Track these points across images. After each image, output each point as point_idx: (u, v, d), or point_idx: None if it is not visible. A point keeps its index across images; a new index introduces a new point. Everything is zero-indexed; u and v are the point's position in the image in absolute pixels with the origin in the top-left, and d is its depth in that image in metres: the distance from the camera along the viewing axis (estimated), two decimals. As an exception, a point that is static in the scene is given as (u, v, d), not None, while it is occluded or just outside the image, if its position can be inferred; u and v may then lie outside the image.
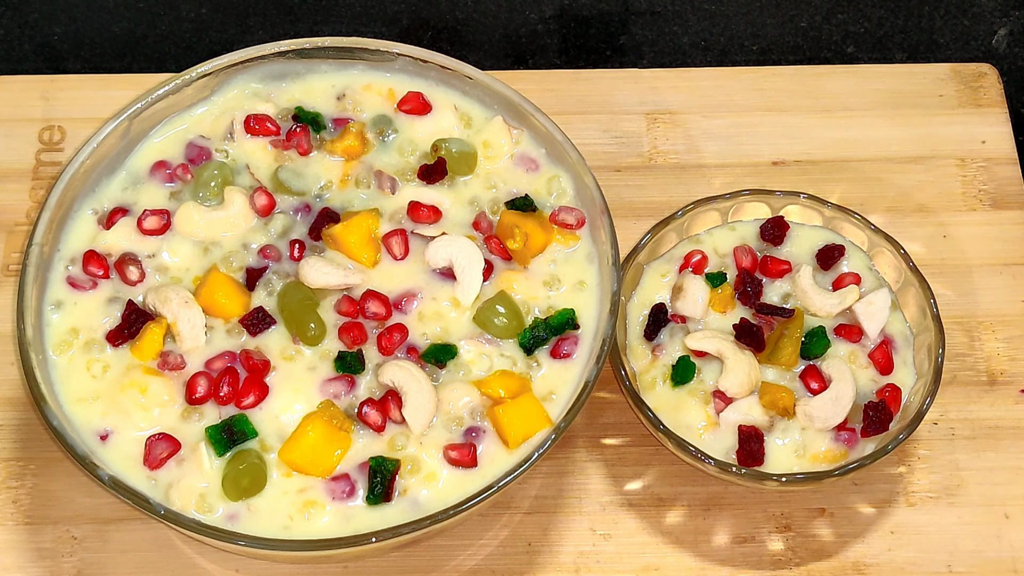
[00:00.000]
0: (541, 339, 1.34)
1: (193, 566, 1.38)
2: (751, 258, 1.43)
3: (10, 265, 1.53)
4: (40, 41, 1.77)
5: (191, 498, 1.26)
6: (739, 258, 1.43)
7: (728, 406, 1.36)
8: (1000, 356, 1.51)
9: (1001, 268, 1.56)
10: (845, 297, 1.40)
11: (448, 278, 1.37)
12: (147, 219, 1.38)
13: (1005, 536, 1.42)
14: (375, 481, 1.26)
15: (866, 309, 1.40)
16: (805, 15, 1.83)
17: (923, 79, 1.68)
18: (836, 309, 1.40)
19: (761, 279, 1.42)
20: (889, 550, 1.41)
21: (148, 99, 1.41)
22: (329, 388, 1.31)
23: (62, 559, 1.38)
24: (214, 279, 1.34)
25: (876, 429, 1.35)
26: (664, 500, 1.43)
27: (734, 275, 1.43)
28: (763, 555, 1.40)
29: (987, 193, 1.61)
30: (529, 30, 1.80)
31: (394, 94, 1.47)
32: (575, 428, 1.45)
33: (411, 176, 1.42)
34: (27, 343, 1.28)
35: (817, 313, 1.40)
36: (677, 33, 1.81)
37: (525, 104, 1.43)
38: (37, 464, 1.42)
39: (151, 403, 1.29)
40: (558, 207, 1.41)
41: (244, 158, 1.43)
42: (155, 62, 1.76)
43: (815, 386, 1.37)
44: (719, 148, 1.63)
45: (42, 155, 1.61)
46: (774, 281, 1.42)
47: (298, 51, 1.45)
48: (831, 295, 1.40)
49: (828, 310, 1.40)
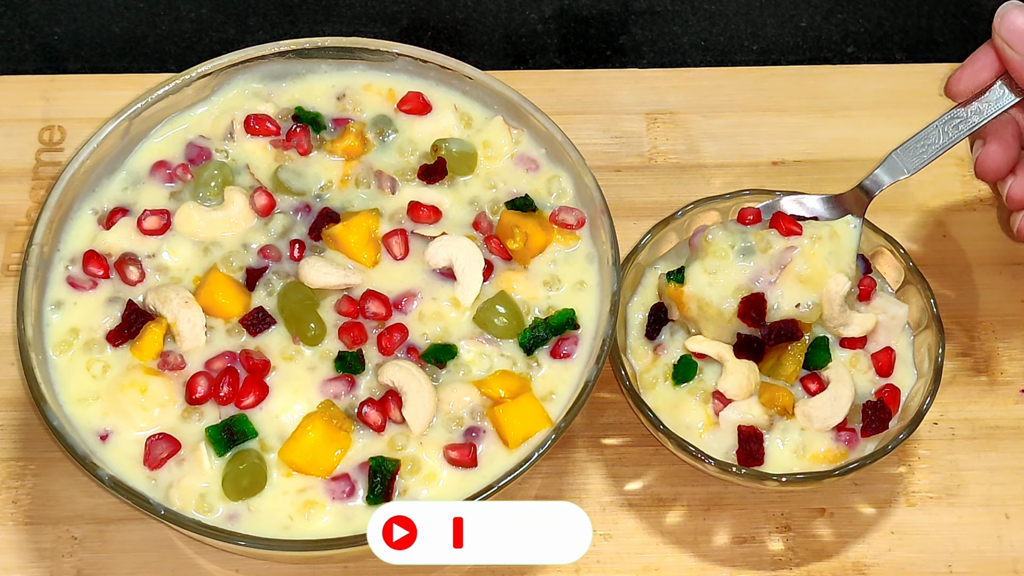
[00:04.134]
0: (541, 339, 1.34)
1: (193, 566, 1.38)
2: (755, 216, 1.40)
3: (10, 265, 1.53)
4: (40, 41, 1.77)
5: (191, 498, 1.26)
6: (744, 213, 1.41)
7: (727, 405, 1.36)
8: (1000, 356, 1.51)
9: (1001, 268, 1.56)
10: (865, 322, 1.38)
11: (448, 278, 1.37)
12: (147, 219, 1.38)
13: (1005, 536, 1.41)
14: (375, 481, 1.26)
15: (889, 323, 1.40)
16: (805, 15, 1.83)
17: (923, 79, 1.68)
18: (857, 333, 1.38)
19: (765, 300, 1.38)
20: (889, 550, 1.41)
21: (148, 99, 1.41)
22: (329, 388, 1.31)
23: (62, 559, 1.38)
24: (214, 279, 1.34)
25: (875, 428, 1.35)
26: (664, 500, 1.42)
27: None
28: (763, 555, 1.40)
29: (987, 193, 1.61)
30: (529, 30, 1.80)
31: (394, 94, 1.47)
32: (575, 428, 1.44)
33: (411, 176, 1.42)
34: (27, 343, 1.28)
35: (833, 331, 1.38)
36: (677, 33, 1.81)
37: (525, 104, 1.43)
38: (37, 464, 1.42)
39: (151, 403, 1.29)
40: (558, 207, 1.41)
41: (244, 158, 1.43)
42: (155, 62, 1.76)
43: (813, 388, 1.37)
44: (719, 148, 1.63)
45: (42, 155, 1.61)
46: (781, 287, 1.36)
47: (298, 51, 1.45)
48: (854, 316, 1.37)
49: (851, 332, 1.37)
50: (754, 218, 1.40)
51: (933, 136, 1.37)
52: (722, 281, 1.35)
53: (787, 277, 1.34)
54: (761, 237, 1.35)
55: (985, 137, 1.36)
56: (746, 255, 1.35)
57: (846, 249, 1.36)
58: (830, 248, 1.34)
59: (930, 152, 1.37)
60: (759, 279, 1.34)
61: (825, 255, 1.34)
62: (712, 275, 1.35)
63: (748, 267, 1.35)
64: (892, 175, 1.38)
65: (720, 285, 1.35)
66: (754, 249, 1.35)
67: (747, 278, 1.34)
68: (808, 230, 1.35)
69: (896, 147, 1.38)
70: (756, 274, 1.34)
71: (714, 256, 1.35)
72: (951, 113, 1.37)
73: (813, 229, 1.35)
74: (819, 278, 1.34)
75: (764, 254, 1.34)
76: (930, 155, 1.37)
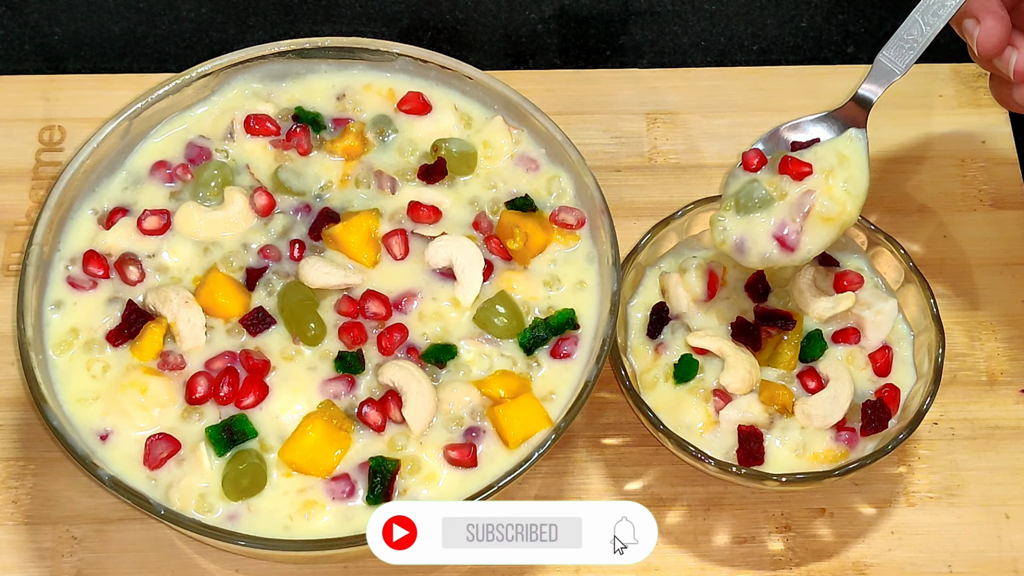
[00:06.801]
0: (541, 339, 1.34)
1: (193, 566, 1.38)
2: (760, 159, 1.36)
3: (10, 265, 1.53)
4: (40, 41, 1.77)
5: (191, 498, 1.26)
6: (748, 158, 1.36)
7: (728, 404, 1.36)
8: (1000, 356, 1.51)
9: (1001, 268, 1.56)
10: (839, 303, 1.39)
11: (448, 278, 1.37)
12: (147, 219, 1.38)
13: (1005, 536, 1.41)
14: (375, 481, 1.26)
15: (875, 318, 1.40)
16: (805, 15, 1.83)
17: (923, 79, 1.68)
18: (828, 313, 1.39)
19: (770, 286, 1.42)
20: (889, 550, 1.41)
21: (148, 99, 1.41)
22: (329, 388, 1.31)
23: (62, 559, 1.38)
24: (214, 279, 1.34)
25: (875, 428, 1.35)
26: (664, 500, 1.42)
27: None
28: (763, 555, 1.40)
29: (987, 193, 1.61)
30: (529, 30, 1.80)
31: (394, 94, 1.47)
32: (575, 428, 1.44)
33: (411, 176, 1.42)
34: (27, 343, 1.28)
35: (810, 315, 1.40)
36: (677, 33, 1.81)
37: (525, 104, 1.43)
38: (37, 464, 1.42)
39: (151, 403, 1.29)
40: (558, 207, 1.41)
41: (244, 158, 1.43)
42: (155, 62, 1.76)
43: (812, 385, 1.37)
44: (719, 148, 1.63)
45: (42, 155, 1.61)
46: (808, 234, 1.33)
47: (298, 51, 1.45)
48: (825, 299, 1.40)
49: (820, 313, 1.39)
50: (759, 161, 1.35)
51: (915, 30, 1.33)
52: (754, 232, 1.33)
53: (812, 221, 1.32)
54: (775, 184, 1.32)
55: (975, 15, 1.31)
56: (764, 206, 1.32)
57: (858, 168, 1.33)
58: (844, 176, 1.32)
59: (916, 47, 1.33)
60: (785, 230, 1.32)
61: (841, 184, 1.31)
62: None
63: (770, 223, 1.32)
64: (885, 78, 1.34)
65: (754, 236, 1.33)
66: (771, 198, 1.32)
67: (772, 232, 1.32)
68: (817, 165, 1.32)
69: (880, 51, 1.34)
70: (781, 228, 1.32)
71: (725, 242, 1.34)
72: (926, 0, 1.32)
73: (821, 161, 1.32)
74: (841, 209, 1.32)
75: (782, 201, 1.32)
76: (917, 49, 1.33)
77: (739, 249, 1.33)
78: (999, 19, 1.30)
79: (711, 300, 1.42)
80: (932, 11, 1.32)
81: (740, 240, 1.33)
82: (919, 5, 1.32)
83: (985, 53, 1.32)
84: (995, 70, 1.35)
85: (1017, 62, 1.31)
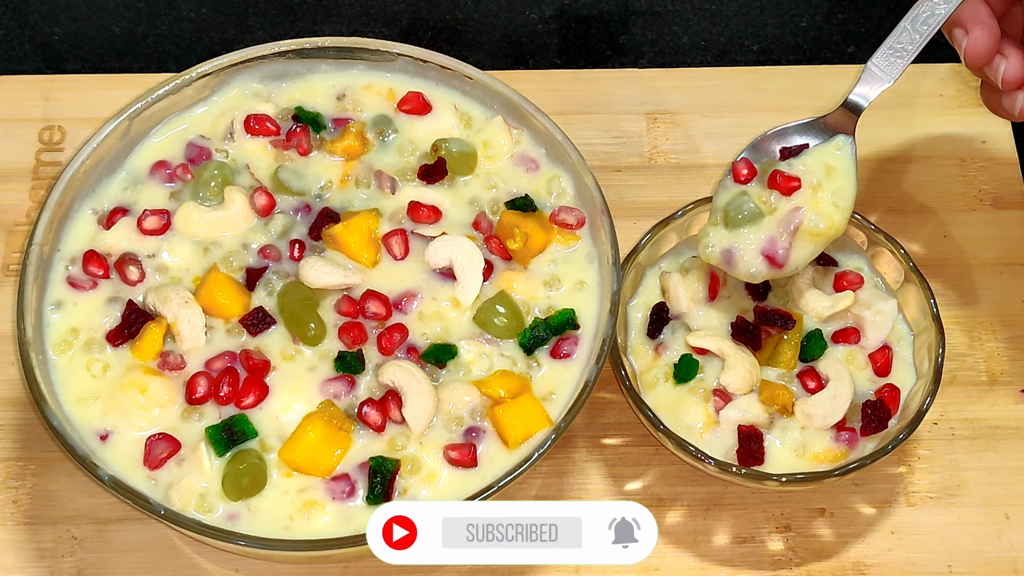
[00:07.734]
0: (541, 339, 1.34)
1: (193, 566, 1.38)
2: (749, 170, 1.36)
3: (10, 265, 1.53)
4: (40, 41, 1.77)
5: (191, 498, 1.26)
6: (738, 170, 1.36)
7: (728, 404, 1.36)
8: (1000, 356, 1.51)
9: (1001, 268, 1.56)
10: (838, 302, 1.39)
11: (448, 278, 1.37)
12: (147, 219, 1.38)
13: (1005, 536, 1.41)
14: (375, 481, 1.26)
15: (874, 318, 1.40)
16: (805, 15, 1.83)
17: (923, 79, 1.68)
18: (827, 313, 1.39)
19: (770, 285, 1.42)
20: (889, 550, 1.41)
21: (148, 99, 1.41)
22: (329, 388, 1.31)
23: (62, 559, 1.38)
24: (214, 279, 1.34)
25: (875, 428, 1.35)
26: (664, 500, 1.42)
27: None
28: (763, 555, 1.40)
29: (987, 193, 1.61)
30: (529, 30, 1.80)
31: (394, 94, 1.47)
32: (575, 428, 1.44)
33: (411, 176, 1.42)
34: (27, 343, 1.28)
35: (809, 314, 1.40)
36: (677, 33, 1.81)
37: (525, 104, 1.43)
38: (37, 464, 1.42)
39: (151, 403, 1.29)
40: (558, 207, 1.41)
41: (244, 158, 1.43)
42: (155, 62, 1.76)
43: (812, 385, 1.37)
44: (719, 148, 1.63)
45: (42, 155, 1.61)
46: (795, 251, 1.34)
47: (298, 51, 1.45)
48: (824, 297, 1.40)
49: (819, 312, 1.39)
50: (749, 172, 1.36)
51: (905, 38, 1.33)
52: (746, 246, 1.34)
53: (800, 237, 1.32)
54: (764, 199, 1.33)
55: (964, 25, 1.31)
56: (753, 221, 1.33)
57: (846, 179, 1.33)
58: (832, 188, 1.32)
59: (906, 55, 1.33)
60: (776, 250, 1.32)
61: (830, 197, 1.32)
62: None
63: (759, 239, 1.33)
64: (875, 85, 1.34)
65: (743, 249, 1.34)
66: (760, 213, 1.32)
67: (762, 248, 1.33)
68: (805, 179, 1.32)
69: (870, 58, 1.34)
70: (771, 244, 1.33)
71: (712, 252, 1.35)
72: (916, 9, 1.32)
73: (809, 175, 1.32)
74: (828, 224, 1.32)
75: (771, 216, 1.33)
76: (907, 58, 1.33)
77: (726, 262, 1.34)
78: (987, 29, 1.30)
79: (713, 300, 1.42)
80: (922, 20, 1.32)
81: (727, 253, 1.34)
82: (908, 14, 1.33)
83: (973, 63, 1.32)
84: (985, 77, 1.35)
85: (1005, 71, 1.32)
